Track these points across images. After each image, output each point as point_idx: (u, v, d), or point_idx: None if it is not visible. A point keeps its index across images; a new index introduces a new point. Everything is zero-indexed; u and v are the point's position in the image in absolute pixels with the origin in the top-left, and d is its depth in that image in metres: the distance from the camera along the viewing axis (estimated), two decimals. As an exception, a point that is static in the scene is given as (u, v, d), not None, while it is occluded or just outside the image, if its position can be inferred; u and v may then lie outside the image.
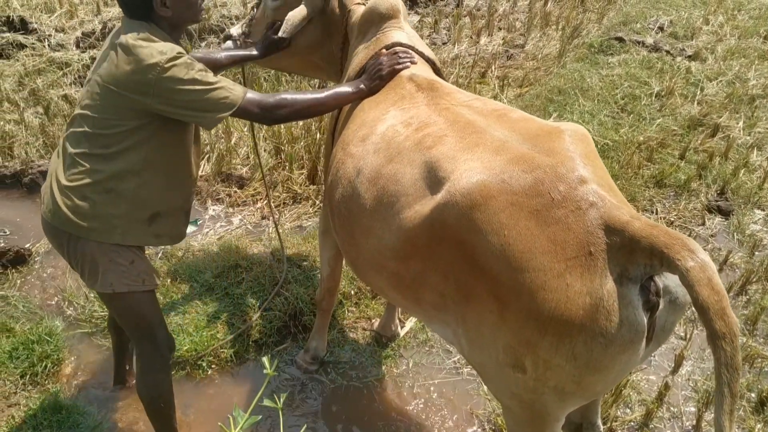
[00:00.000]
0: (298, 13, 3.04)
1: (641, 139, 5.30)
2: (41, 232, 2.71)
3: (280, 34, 3.00)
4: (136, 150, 2.46)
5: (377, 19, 2.92)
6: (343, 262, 3.30)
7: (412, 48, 2.87)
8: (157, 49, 2.35)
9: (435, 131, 2.26)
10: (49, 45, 6.57)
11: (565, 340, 1.80)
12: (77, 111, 2.51)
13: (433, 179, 2.11)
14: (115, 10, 7.34)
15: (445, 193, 2.02)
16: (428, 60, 2.90)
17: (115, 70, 2.37)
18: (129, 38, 2.37)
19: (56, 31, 6.87)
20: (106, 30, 6.70)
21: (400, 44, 2.84)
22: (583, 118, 5.55)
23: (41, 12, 7.22)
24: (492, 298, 1.91)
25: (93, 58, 6.29)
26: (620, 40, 6.90)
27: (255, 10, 3.40)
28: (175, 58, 2.34)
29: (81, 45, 6.60)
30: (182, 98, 2.38)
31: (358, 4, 3.16)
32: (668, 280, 1.84)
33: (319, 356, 3.54)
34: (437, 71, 2.89)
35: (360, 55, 2.91)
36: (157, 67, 2.31)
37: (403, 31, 2.93)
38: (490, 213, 1.90)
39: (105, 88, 2.40)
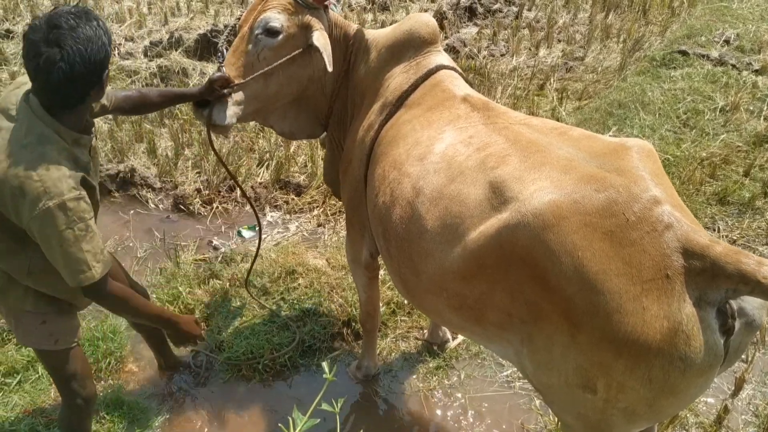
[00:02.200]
0: (324, 40, 2.77)
1: (704, 155, 5.18)
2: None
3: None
4: (21, 256, 2.35)
5: (418, 44, 2.85)
6: (379, 285, 3.30)
7: (455, 69, 2.85)
8: (47, 186, 2.09)
9: (497, 151, 2.23)
10: (118, 53, 6.84)
11: (641, 364, 1.78)
12: None
13: (500, 199, 2.08)
14: (182, 21, 7.59)
15: (515, 214, 1.99)
16: (468, 83, 2.88)
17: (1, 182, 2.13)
18: (21, 168, 2.10)
19: (126, 40, 7.16)
20: (173, 39, 6.93)
21: (444, 67, 2.81)
22: (643, 132, 5.46)
23: (112, 21, 7.53)
24: (563, 320, 1.90)
25: (160, 67, 6.52)
26: (684, 53, 6.76)
27: (222, 53, 2.88)
28: (62, 204, 2.12)
29: (149, 54, 6.84)
30: (46, 246, 2.19)
31: (355, 26, 3.07)
32: (744, 303, 1.81)
33: (370, 374, 3.57)
34: None
35: (398, 79, 2.82)
36: (38, 206, 2.10)
37: (442, 54, 2.90)
38: (563, 234, 1.88)
39: None
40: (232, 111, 2.79)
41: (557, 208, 1.91)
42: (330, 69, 2.73)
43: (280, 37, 2.77)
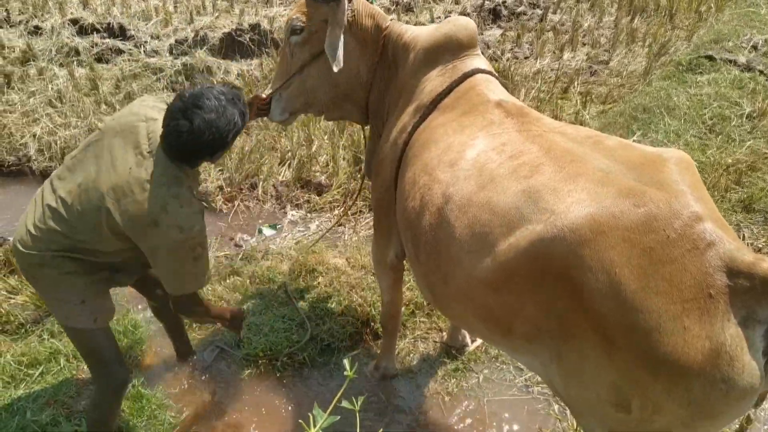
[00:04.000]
0: (331, 39, 2.84)
1: (730, 161, 5.11)
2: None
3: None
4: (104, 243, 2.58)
5: (455, 48, 2.81)
6: (402, 287, 3.29)
7: (491, 73, 2.83)
8: (179, 224, 2.44)
9: (530, 159, 2.17)
10: (144, 51, 6.92)
11: (680, 385, 1.74)
12: (56, 192, 2.54)
13: (532, 210, 2.02)
14: (207, 19, 7.64)
15: (550, 227, 1.93)
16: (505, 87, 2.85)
17: (130, 211, 2.42)
18: (168, 195, 2.43)
19: (152, 38, 7.23)
20: (198, 38, 6.98)
21: (480, 71, 2.77)
22: (668, 137, 5.40)
23: (138, 20, 7.61)
24: (598, 336, 1.85)
25: (185, 65, 6.56)
26: (710, 58, 6.68)
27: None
28: (190, 238, 2.49)
29: (174, 51, 6.91)
30: (161, 264, 2.55)
31: (393, 20, 3.07)
32: None
33: (389, 374, 3.57)
34: None
35: (435, 82, 2.79)
36: (172, 238, 2.45)
37: (479, 58, 2.86)
38: (601, 250, 1.82)
39: (102, 211, 2.44)
40: (280, 109, 3.12)
41: (595, 222, 1.86)
42: (335, 68, 2.82)
43: (304, 32, 2.95)
